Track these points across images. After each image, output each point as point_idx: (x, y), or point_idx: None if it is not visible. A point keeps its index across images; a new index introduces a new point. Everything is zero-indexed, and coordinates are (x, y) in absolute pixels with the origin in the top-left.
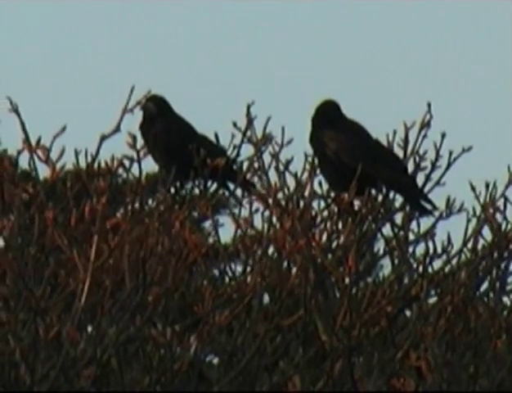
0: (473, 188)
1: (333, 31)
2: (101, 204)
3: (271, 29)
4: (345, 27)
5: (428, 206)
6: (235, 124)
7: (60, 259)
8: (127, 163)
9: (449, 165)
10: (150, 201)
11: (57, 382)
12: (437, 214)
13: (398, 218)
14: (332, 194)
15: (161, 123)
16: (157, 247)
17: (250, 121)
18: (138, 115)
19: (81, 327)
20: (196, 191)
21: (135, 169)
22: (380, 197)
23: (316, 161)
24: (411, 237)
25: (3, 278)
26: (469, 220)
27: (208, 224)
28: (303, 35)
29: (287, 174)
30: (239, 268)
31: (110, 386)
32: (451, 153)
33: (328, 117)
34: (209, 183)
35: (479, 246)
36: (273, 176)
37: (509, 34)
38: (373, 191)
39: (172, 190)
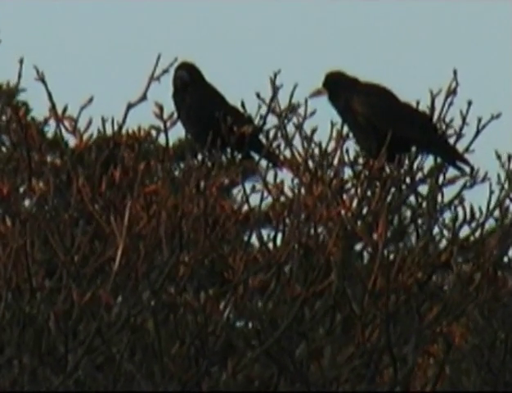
0: (498, 157)
1: None
2: (140, 170)
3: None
4: None
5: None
6: (258, 95)
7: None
8: (154, 133)
9: (478, 132)
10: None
11: (92, 347)
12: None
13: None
14: (361, 161)
15: (194, 91)
16: (192, 212)
17: (276, 91)
18: (164, 83)
19: (116, 292)
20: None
21: (162, 139)
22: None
23: (347, 128)
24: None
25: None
26: (491, 192)
27: (236, 191)
28: (327, 2)
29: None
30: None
31: (145, 349)
32: (479, 120)
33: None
34: (235, 153)
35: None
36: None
37: None
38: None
39: (200, 157)
